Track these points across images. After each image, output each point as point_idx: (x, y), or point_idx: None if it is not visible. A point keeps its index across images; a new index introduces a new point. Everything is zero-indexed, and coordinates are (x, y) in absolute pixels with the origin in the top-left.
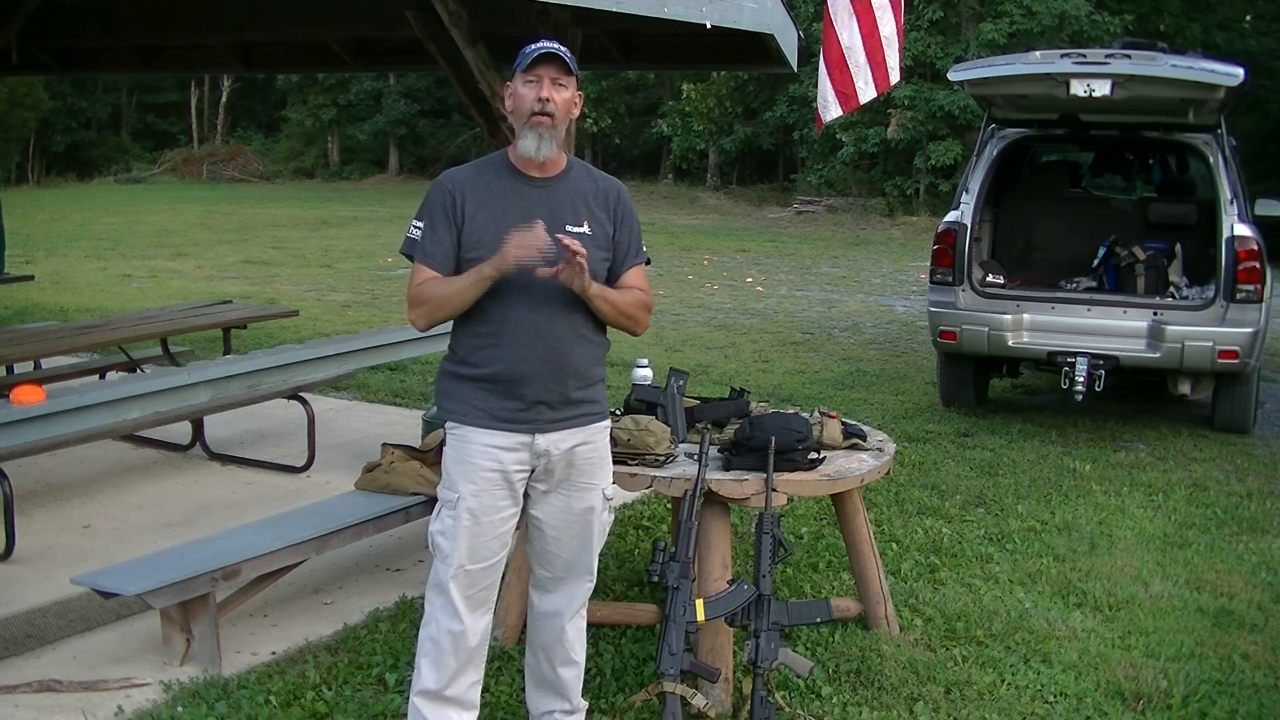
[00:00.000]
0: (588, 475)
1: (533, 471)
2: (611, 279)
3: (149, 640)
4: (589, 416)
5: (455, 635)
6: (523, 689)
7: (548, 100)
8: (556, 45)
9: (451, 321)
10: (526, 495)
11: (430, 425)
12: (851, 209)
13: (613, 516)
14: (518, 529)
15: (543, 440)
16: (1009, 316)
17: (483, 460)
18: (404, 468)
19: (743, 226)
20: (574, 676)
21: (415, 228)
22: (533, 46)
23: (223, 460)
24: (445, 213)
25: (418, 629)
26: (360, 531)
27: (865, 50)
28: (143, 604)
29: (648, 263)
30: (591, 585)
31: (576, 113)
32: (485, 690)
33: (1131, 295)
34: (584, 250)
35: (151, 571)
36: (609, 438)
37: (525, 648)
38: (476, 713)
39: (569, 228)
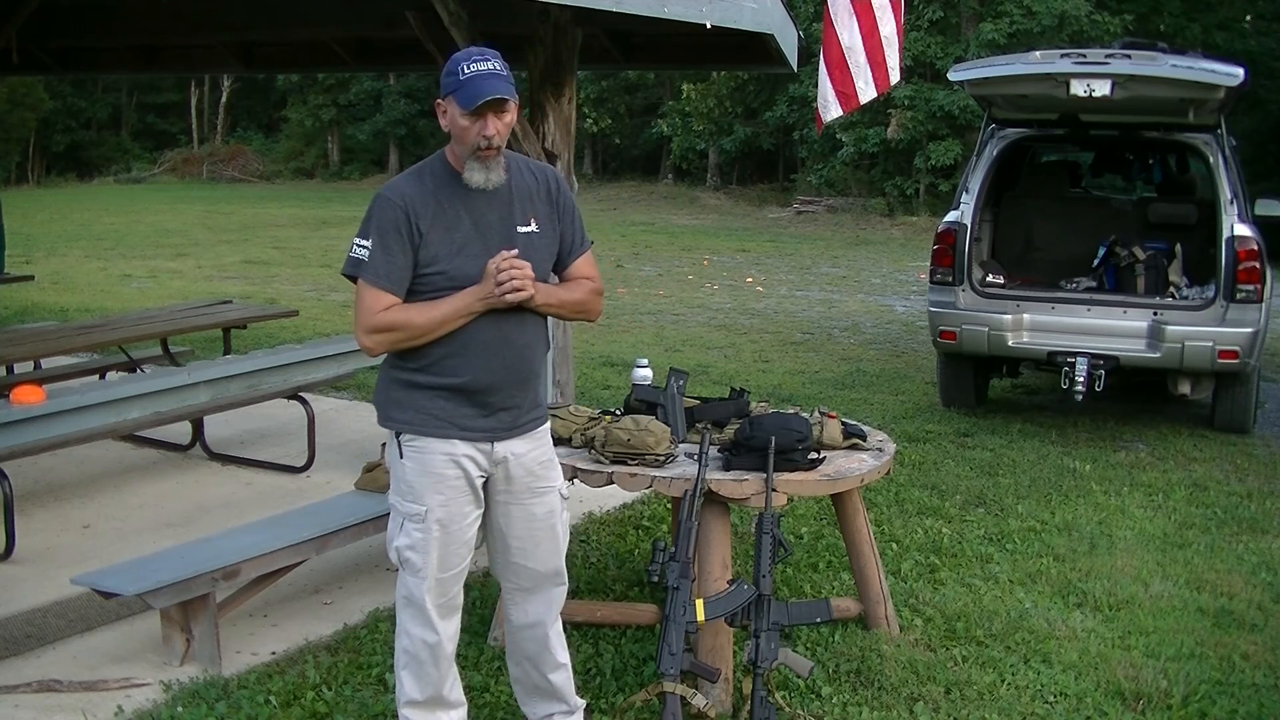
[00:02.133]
0: (544, 479)
1: (488, 480)
2: (560, 269)
3: (149, 640)
4: (538, 421)
5: (432, 646)
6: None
7: (493, 136)
8: (496, 79)
9: None
10: (486, 506)
11: None
12: (851, 209)
13: (568, 515)
14: (481, 538)
15: (500, 448)
16: (1009, 316)
17: (447, 469)
18: None
19: (743, 226)
20: (565, 679)
21: (360, 247)
22: (468, 74)
23: (223, 460)
24: (398, 231)
25: None
26: (360, 531)
27: (865, 50)
28: (143, 604)
29: (590, 245)
30: (565, 588)
31: (514, 120)
32: (485, 690)
33: (1131, 295)
34: (526, 279)
35: (151, 571)
36: (610, 436)
37: (508, 661)
38: (464, 707)
39: (519, 229)
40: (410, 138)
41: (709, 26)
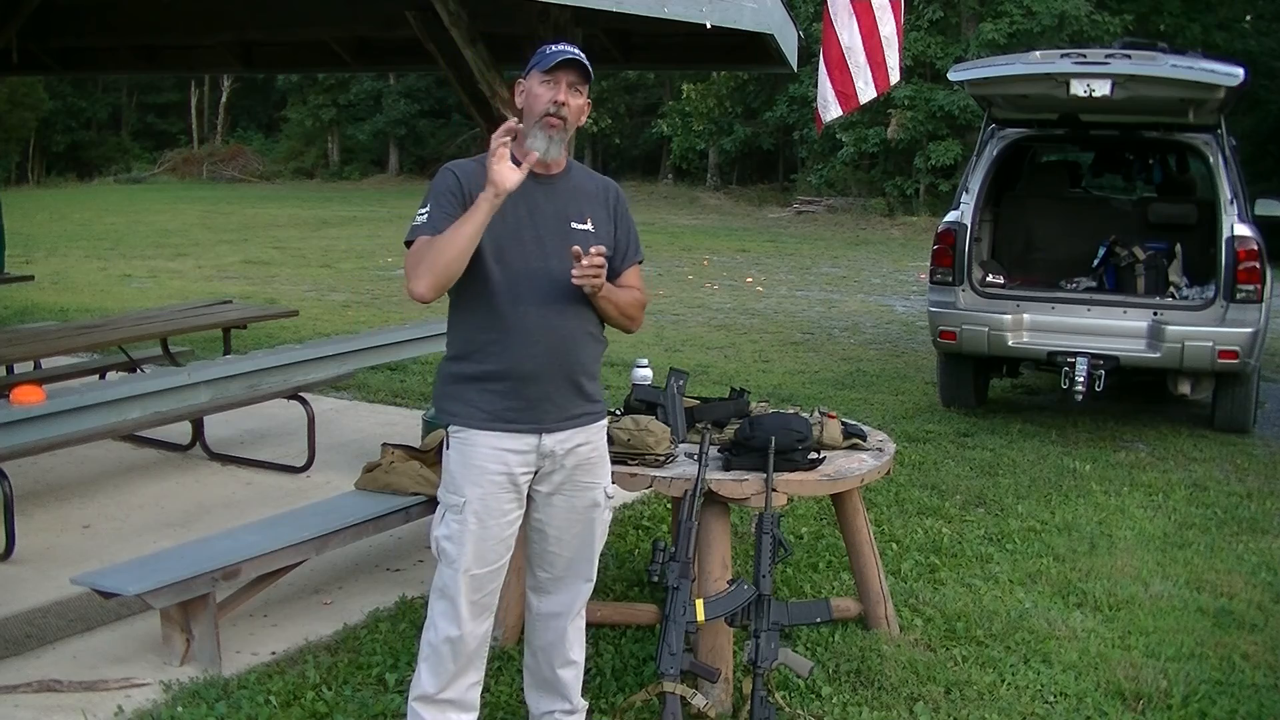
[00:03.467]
0: (590, 474)
1: (536, 473)
2: (611, 277)
3: (149, 640)
4: (591, 415)
5: (453, 641)
6: (523, 689)
7: (563, 104)
8: (579, 51)
9: (448, 320)
10: (529, 498)
11: (430, 425)
12: (851, 209)
13: (611, 515)
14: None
15: (549, 440)
16: (1009, 316)
17: (490, 463)
18: (404, 468)
19: (743, 226)
20: (573, 676)
21: (420, 214)
22: (555, 48)
23: (223, 460)
24: (452, 193)
25: (418, 629)
26: (360, 531)
27: (865, 50)
28: (143, 604)
29: (640, 262)
30: (591, 586)
31: (584, 120)
32: (485, 690)
33: (1131, 295)
34: (603, 262)
35: (151, 571)
36: (607, 437)
37: (524, 648)
38: (476, 713)
39: (574, 225)
40: (410, 138)
41: (709, 26)
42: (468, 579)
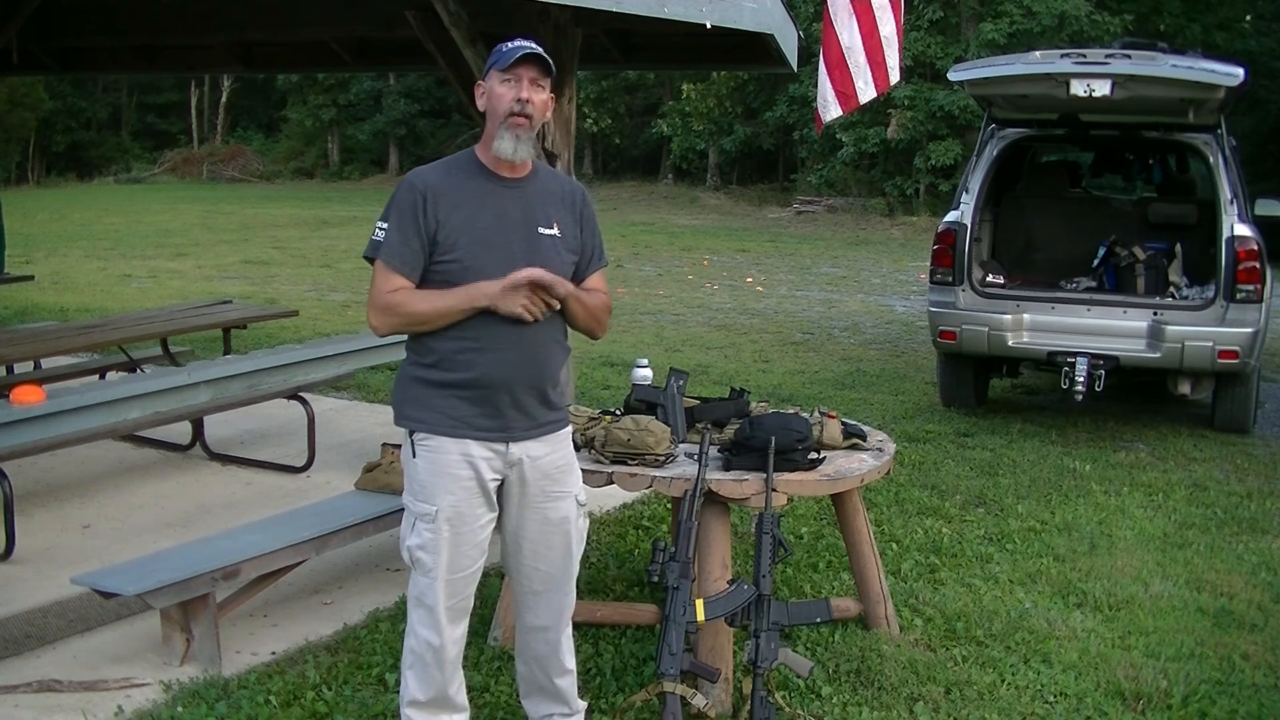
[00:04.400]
0: (560, 483)
1: (503, 482)
2: (575, 281)
3: (149, 640)
4: (556, 424)
5: (435, 649)
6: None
7: (527, 101)
8: (535, 45)
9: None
10: (501, 508)
11: None
12: (851, 209)
13: (587, 522)
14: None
15: (516, 449)
16: (1009, 316)
17: (460, 470)
18: None
19: (743, 226)
20: (569, 683)
21: (380, 229)
22: (511, 45)
23: (223, 460)
24: (415, 216)
25: None
26: (360, 531)
27: (865, 50)
28: (143, 604)
29: (604, 265)
30: (573, 596)
31: (549, 115)
32: (485, 690)
33: (1131, 295)
34: (561, 283)
35: (151, 571)
36: (608, 437)
37: (516, 658)
38: (467, 712)
39: (540, 230)
40: (410, 138)
41: (709, 26)
42: (445, 585)
